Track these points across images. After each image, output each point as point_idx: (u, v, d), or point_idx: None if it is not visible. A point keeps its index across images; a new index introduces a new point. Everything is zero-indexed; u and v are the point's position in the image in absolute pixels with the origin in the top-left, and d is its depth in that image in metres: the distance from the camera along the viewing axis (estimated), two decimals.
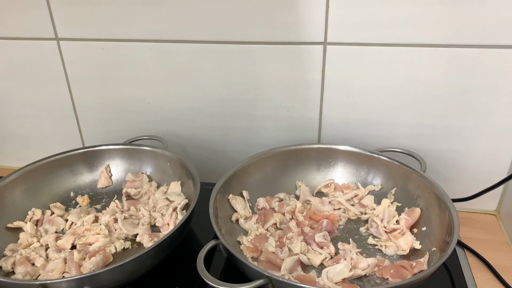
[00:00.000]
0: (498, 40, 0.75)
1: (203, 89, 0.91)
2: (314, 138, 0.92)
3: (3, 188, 0.82)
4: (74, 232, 0.78)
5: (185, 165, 0.83)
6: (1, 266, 0.72)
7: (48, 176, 0.88)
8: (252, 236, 0.75)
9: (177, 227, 0.69)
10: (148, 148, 0.90)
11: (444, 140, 0.85)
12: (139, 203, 0.87)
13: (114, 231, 0.80)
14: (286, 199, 0.85)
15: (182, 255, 0.76)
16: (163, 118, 0.97)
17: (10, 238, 0.79)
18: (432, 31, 0.76)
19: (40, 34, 0.93)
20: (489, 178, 0.83)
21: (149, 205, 0.85)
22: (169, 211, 0.81)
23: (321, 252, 0.72)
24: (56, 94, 0.99)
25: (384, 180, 0.84)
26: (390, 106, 0.84)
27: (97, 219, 0.83)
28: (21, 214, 0.83)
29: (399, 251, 0.73)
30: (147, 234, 0.77)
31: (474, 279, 0.73)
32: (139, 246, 0.78)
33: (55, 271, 0.71)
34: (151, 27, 0.87)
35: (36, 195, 0.86)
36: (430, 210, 0.75)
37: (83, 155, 0.91)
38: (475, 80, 0.78)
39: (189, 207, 0.73)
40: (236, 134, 0.95)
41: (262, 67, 0.86)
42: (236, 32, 0.84)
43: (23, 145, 1.08)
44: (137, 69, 0.92)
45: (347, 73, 0.83)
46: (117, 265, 0.62)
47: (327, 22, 0.79)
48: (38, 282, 0.60)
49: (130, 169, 0.92)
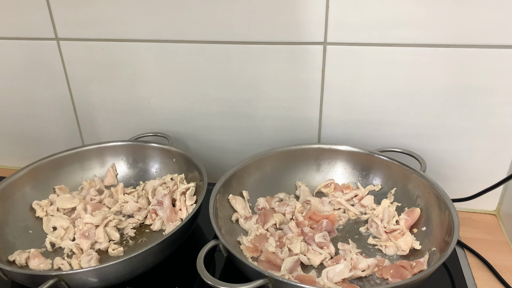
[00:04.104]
0: (498, 40, 0.75)
1: (203, 89, 0.91)
2: (314, 138, 0.92)
3: (12, 184, 0.82)
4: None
5: (192, 160, 0.84)
6: (15, 260, 0.73)
7: (57, 172, 0.89)
8: (252, 236, 0.75)
9: (189, 217, 0.71)
10: (155, 145, 0.91)
11: (444, 140, 0.85)
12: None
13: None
14: (286, 199, 0.85)
15: (182, 255, 0.76)
16: (163, 118, 0.97)
17: (20, 233, 0.79)
18: (432, 31, 0.76)
19: (40, 34, 0.93)
20: (489, 178, 0.84)
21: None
22: (178, 196, 0.82)
23: (321, 252, 0.72)
24: (56, 94, 0.99)
25: (384, 180, 0.84)
26: (390, 106, 0.84)
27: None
28: (31, 210, 0.84)
29: (399, 251, 0.73)
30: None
31: (474, 279, 0.73)
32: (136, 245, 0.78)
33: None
34: (151, 27, 0.87)
35: (44, 191, 0.87)
36: (430, 210, 0.75)
37: (91, 151, 0.92)
38: (475, 80, 0.78)
39: (198, 201, 0.75)
40: (236, 134, 0.95)
41: (262, 67, 0.86)
42: (236, 32, 0.84)
43: (23, 145, 1.08)
44: (137, 69, 0.92)
45: (347, 73, 0.83)
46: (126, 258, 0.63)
47: (327, 22, 0.79)
48: (54, 274, 0.62)
49: (137, 166, 0.93)
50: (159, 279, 0.73)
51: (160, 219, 0.81)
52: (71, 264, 0.73)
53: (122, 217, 0.83)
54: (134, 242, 0.79)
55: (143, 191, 0.88)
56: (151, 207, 0.82)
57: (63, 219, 0.81)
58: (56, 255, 0.76)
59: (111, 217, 0.80)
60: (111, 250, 0.75)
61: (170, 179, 0.88)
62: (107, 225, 0.79)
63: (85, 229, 0.77)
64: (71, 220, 0.82)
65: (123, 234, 0.80)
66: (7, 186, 0.81)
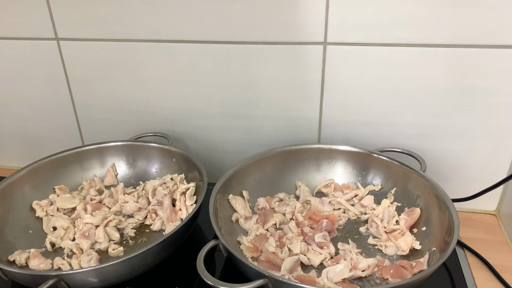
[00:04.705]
0: (498, 40, 0.75)
1: (203, 89, 0.91)
2: (314, 138, 0.92)
3: (12, 184, 0.83)
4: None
5: (192, 160, 0.84)
6: (15, 260, 0.73)
7: (57, 172, 0.89)
8: (252, 236, 0.75)
9: (189, 217, 0.70)
10: (155, 145, 0.91)
11: (444, 140, 0.85)
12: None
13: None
14: (286, 199, 0.85)
15: (182, 255, 0.76)
16: (163, 118, 0.97)
17: (20, 233, 0.79)
18: (432, 31, 0.76)
19: (40, 34, 0.93)
20: (489, 178, 0.84)
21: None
22: (178, 196, 0.82)
23: (321, 252, 0.72)
24: (56, 94, 0.99)
25: (384, 180, 0.84)
26: (390, 106, 0.84)
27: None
28: (31, 210, 0.84)
29: (399, 251, 0.73)
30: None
31: (474, 279, 0.73)
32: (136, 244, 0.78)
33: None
34: (151, 27, 0.87)
35: (44, 191, 0.87)
36: (430, 210, 0.75)
37: (91, 151, 0.92)
38: (475, 80, 0.78)
39: (198, 201, 0.75)
40: (236, 134, 0.95)
41: (262, 67, 0.86)
42: (236, 32, 0.84)
43: (23, 145, 1.08)
44: (137, 69, 0.92)
45: (347, 73, 0.83)
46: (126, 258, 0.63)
47: (327, 22, 0.79)
48: (54, 274, 0.62)
49: (137, 166, 0.93)
50: (159, 279, 0.73)
51: (160, 219, 0.81)
52: (71, 264, 0.73)
53: (122, 217, 0.83)
54: (134, 242, 0.79)
55: (143, 191, 0.88)
56: (151, 207, 0.82)
57: (63, 219, 0.81)
58: (56, 255, 0.76)
59: (111, 217, 0.80)
60: (111, 250, 0.75)
61: (170, 179, 0.88)
62: (107, 225, 0.79)
63: (85, 229, 0.77)
64: (71, 220, 0.82)
65: (123, 234, 0.80)
66: (7, 186, 0.82)
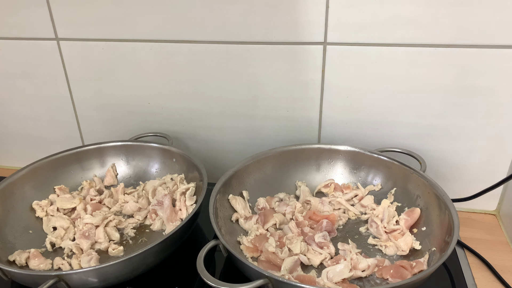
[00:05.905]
0: (498, 40, 0.75)
1: (203, 89, 0.91)
2: (314, 138, 0.92)
3: (12, 184, 0.83)
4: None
5: (192, 160, 0.84)
6: (15, 260, 0.73)
7: (57, 172, 0.89)
8: (252, 236, 0.75)
9: (189, 217, 0.70)
10: (155, 145, 0.91)
11: (444, 140, 0.85)
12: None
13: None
14: (286, 199, 0.85)
15: (182, 255, 0.76)
16: (163, 118, 0.97)
17: (20, 233, 0.79)
18: (432, 31, 0.76)
19: (40, 34, 0.93)
20: (489, 178, 0.84)
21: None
22: (178, 196, 0.82)
23: (321, 252, 0.72)
24: (56, 94, 0.99)
25: (384, 180, 0.84)
26: (390, 106, 0.84)
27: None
28: (31, 210, 0.84)
29: (399, 251, 0.73)
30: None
31: (474, 279, 0.73)
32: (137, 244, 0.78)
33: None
34: (151, 27, 0.87)
35: (44, 191, 0.87)
36: (430, 210, 0.75)
37: (91, 151, 0.92)
38: (475, 80, 0.78)
39: (198, 201, 0.75)
40: (236, 134, 0.95)
41: (262, 67, 0.86)
42: (236, 32, 0.84)
43: (23, 145, 1.08)
44: (137, 69, 0.92)
45: (347, 73, 0.83)
46: (126, 258, 0.63)
47: (327, 22, 0.79)
48: (53, 274, 0.62)
49: (137, 166, 0.93)
50: (159, 279, 0.73)
51: (160, 219, 0.81)
52: (71, 264, 0.73)
53: (122, 217, 0.83)
54: (134, 242, 0.79)
55: (143, 191, 0.88)
56: (151, 207, 0.82)
57: (63, 219, 0.81)
58: (56, 255, 0.76)
59: (111, 217, 0.80)
60: (111, 250, 0.75)
61: (170, 179, 0.88)
62: (107, 225, 0.79)
63: (85, 229, 0.77)
64: (71, 220, 0.82)
65: (123, 234, 0.80)
66: (7, 186, 0.82)
